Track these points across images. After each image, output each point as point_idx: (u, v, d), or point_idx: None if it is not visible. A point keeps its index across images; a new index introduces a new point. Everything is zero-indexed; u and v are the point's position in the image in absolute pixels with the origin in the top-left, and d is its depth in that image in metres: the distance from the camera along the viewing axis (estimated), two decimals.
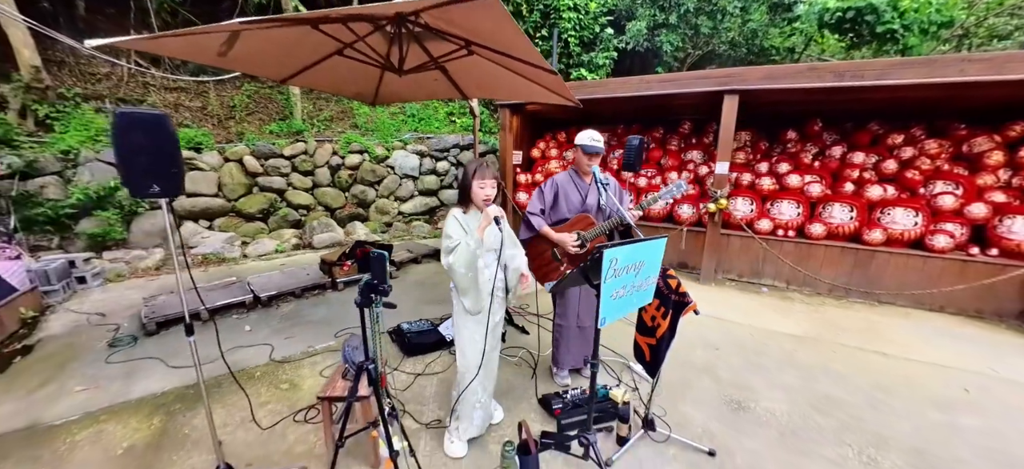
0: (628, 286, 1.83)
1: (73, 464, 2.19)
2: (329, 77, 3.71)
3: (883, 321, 4.11)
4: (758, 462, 2.24)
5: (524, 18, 9.23)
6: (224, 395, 2.72)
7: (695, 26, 7.96)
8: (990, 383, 3.05)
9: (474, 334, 2.16)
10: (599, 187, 2.48)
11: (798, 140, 5.57)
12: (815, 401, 2.79)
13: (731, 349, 3.50)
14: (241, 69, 3.80)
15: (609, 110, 6.46)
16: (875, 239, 4.49)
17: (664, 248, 1.95)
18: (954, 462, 2.27)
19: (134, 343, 3.47)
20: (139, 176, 1.56)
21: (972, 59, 3.67)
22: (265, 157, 7.16)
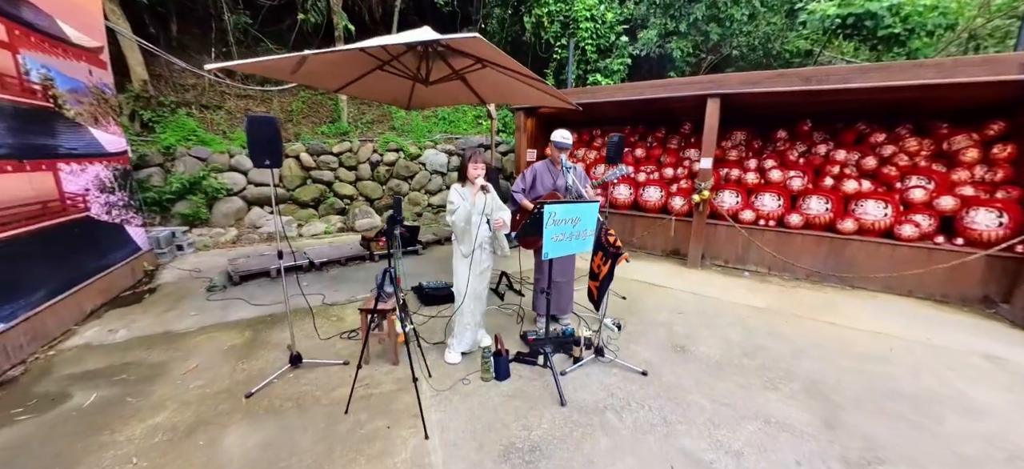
0: (567, 234, 2.60)
1: (197, 353, 3.23)
2: (371, 87, 4.69)
3: (847, 301, 4.54)
4: (679, 381, 2.91)
5: (545, 29, 10.03)
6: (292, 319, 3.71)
7: (705, 33, 8.41)
8: (915, 346, 3.50)
9: (464, 271, 3.00)
10: (564, 172, 3.25)
11: (788, 139, 5.99)
12: (748, 349, 3.40)
13: (693, 314, 4.12)
14: (307, 83, 4.89)
15: (613, 112, 7.12)
16: (847, 229, 4.91)
17: (597, 209, 2.70)
18: (838, 388, 2.84)
19: (225, 289, 4.60)
20: (258, 154, 2.53)
21: (924, 64, 4.08)
22: (317, 154, 8.39)
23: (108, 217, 4.40)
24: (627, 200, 6.61)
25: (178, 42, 9.40)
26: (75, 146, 3.95)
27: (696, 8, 8.06)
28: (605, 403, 2.63)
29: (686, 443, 2.29)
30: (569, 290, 3.70)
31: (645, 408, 2.60)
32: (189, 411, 2.51)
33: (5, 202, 3.08)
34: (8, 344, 2.96)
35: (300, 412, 2.51)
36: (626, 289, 4.76)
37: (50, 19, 3.74)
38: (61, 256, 3.63)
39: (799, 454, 2.22)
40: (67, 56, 3.96)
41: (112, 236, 4.46)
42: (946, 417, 2.57)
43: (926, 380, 2.99)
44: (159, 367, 3.02)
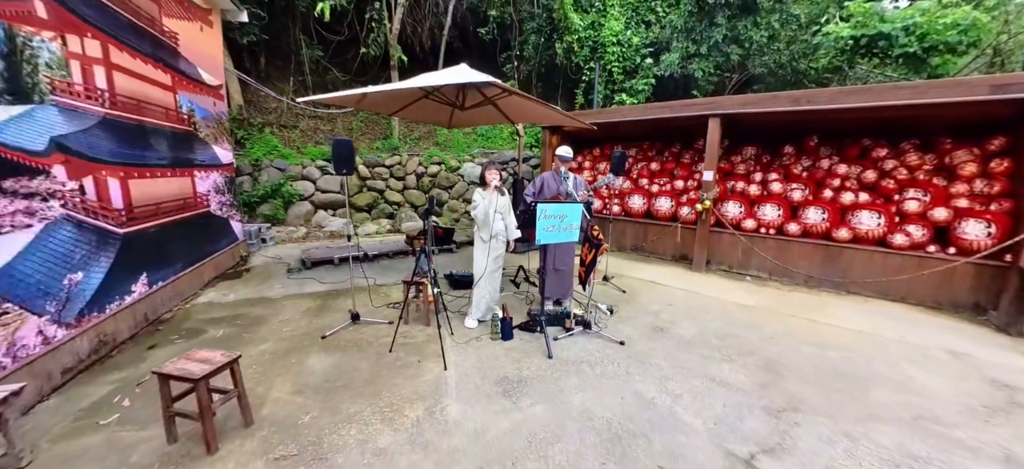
0: (556, 227, 3.40)
1: (285, 311, 4.35)
2: (419, 111, 5.77)
3: (839, 303, 4.89)
4: (650, 350, 3.57)
5: (576, 53, 10.90)
6: (352, 294, 4.78)
7: (726, 54, 8.86)
8: (886, 341, 3.88)
9: (482, 256, 3.88)
10: (563, 180, 4.06)
11: (795, 154, 6.37)
12: (721, 334, 3.96)
13: (682, 307, 4.70)
14: (369, 110, 6.06)
15: (634, 130, 7.80)
16: (842, 237, 5.24)
17: (581, 209, 3.48)
18: (790, 365, 3.36)
19: (300, 271, 5.82)
20: (339, 165, 3.60)
21: (901, 87, 4.46)
22: (372, 166, 9.75)
23: (220, 212, 5.78)
24: (641, 209, 7.21)
25: (265, 73, 11.31)
26: (204, 158, 5.34)
27: (715, 31, 8.56)
28: (583, 359, 3.37)
29: (638, 387, 2.98)
30: (569, 277, 4.45)
31: (614, 364, 3.30)
32: (284, 343, 3.57)
33: (164, 198, 4.40)
34: (163, 297, 4.23)
35: (358, 349, 3.48)
36: (628, 285, 5.41)
37: (194, 67, 5.18)
38: (192, 239, 4.96)
39: (727, 401, 2.83)
40: (202, 93, 5.39)
41: (222, 227, 5.83)
42: (877, 390, 3.03)
43: (877, 365, 3.42)
44: (260, 318, 4.16)
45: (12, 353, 2.52)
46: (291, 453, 2.25)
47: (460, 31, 13.05)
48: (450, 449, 2.30)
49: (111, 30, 3.64)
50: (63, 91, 3.08)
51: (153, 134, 4.23)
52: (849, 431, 2.55)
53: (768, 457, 2.30)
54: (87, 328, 3.13)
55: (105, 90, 3.53)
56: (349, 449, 2.29)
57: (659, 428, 2.52)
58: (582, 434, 2.44)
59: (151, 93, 4.23)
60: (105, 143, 3.49)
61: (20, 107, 2.72)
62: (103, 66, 3.52)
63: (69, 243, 3.05)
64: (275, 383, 2.95)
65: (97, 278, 3.29)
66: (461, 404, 2.73)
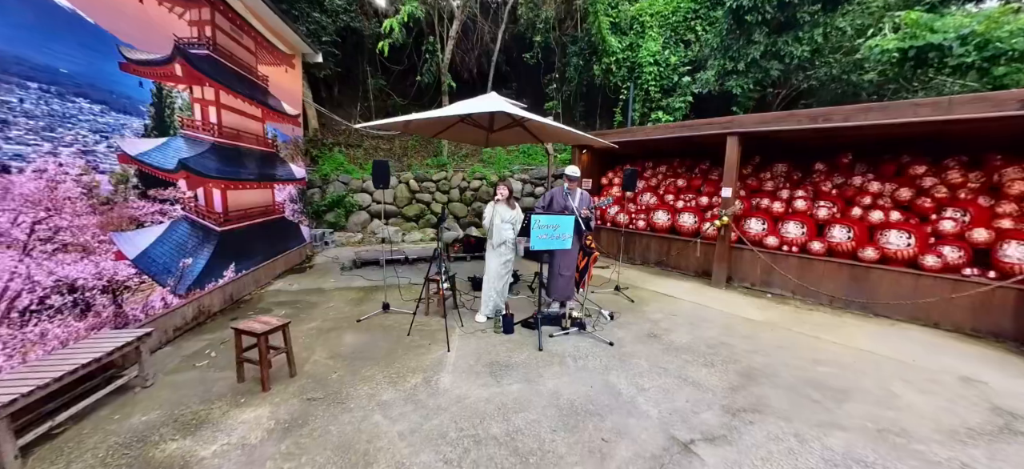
0: (549, 235, 3.88)
1: (334, 299, 5.27)
2: (456, 134, 6.58)
3: (859, 325, 4.72)
4: (635, 351, 3.87)
5: (613, 74, 11.25)
6: (388, 289, 5.60)
7: (765, 70, 8.68)
8: (889, 362, 3.79)
9: (491, 261, 4.46)
10: (569, 196, 4.53)
11: (826, 171, 6.18)
12: (713, 343, 4.12)
13: (684, 317, 4.88)
14: (414, 132, 7.00)
15: (662, 147, 7.99)
16: (868, 256, 5.05)
17: (573, 221, 3.94)
18: (771, 375, 3.48)
19: (351, 269, 6.83)
20: (376, 181, 4.44)
21: (922, 103, 4.32)
22: (421, 181, 10.85)
23: (293, 218, 7.02)
24: (665, 224, 7.34)
25: (338, 100, 13.09)
26: (282, 174, 6.59)
27: (753, 48, 8.47)
28: (569, 354, 3.78)
29: (611, 379, 3.34)
30: (571, 282, 4.86)
31: (596, 359, 3.68)
32: (328, 323, 4.42)
33: (251, 205, 5.58)
34: (244, 282, 5.34)
35: (383, 331, 4.22)
36: (640, 296, 5.65)
37: (279, 101, 6.46)
38: (269, 238, 6.14)
39: (690, 398, 3.09)
40: (284, 121, 6.67)
41: (293, 230, 7.05)
42: (852, 403, 3.09)
43: (866, 382, 3.41)
44: (314, 303, 5.10)
45: (145, 311, 3.58)
46: (318, 397, 2.98)
47: (507, 56, 14.01)
48: (434, 406, 2.88)
49: (222, 79, 4.86)
50: (188, 126, 4.25)
51: (246, 155, 5.43)
52: (801, 433, 2.71)
53: (707, 444, 2.57)
54: (192, 300, 4.21)
55: (215, 124, 4.73)
56: (359, 398, 2.97)
57: (615, 411, 2.89)
58: (545, 409, 2.89)
59: (246, 124, 5.45)
60: (213, 163, 4.65)
61: (162, 139, 3.87)
62: (215, 106, 4.72)
63: (185, 236, 4.17)
64: (316, 350, 3.76)
65: (201, 263, 4.39)
66: (453, 377, 3.30)
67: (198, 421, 2.68)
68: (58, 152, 2.87)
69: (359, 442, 2.50)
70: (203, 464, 2.30)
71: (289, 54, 6.91)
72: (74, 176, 2.99)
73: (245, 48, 5.45)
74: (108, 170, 3.27)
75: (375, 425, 2.67)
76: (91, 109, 3.14)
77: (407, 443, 2.50)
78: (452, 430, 2.63)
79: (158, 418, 2.70)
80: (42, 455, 2.33)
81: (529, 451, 2.45)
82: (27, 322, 2.62)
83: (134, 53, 3.54)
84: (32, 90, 2.72)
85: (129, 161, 3.48)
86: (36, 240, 2.70)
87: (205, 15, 4.55)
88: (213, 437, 2.52)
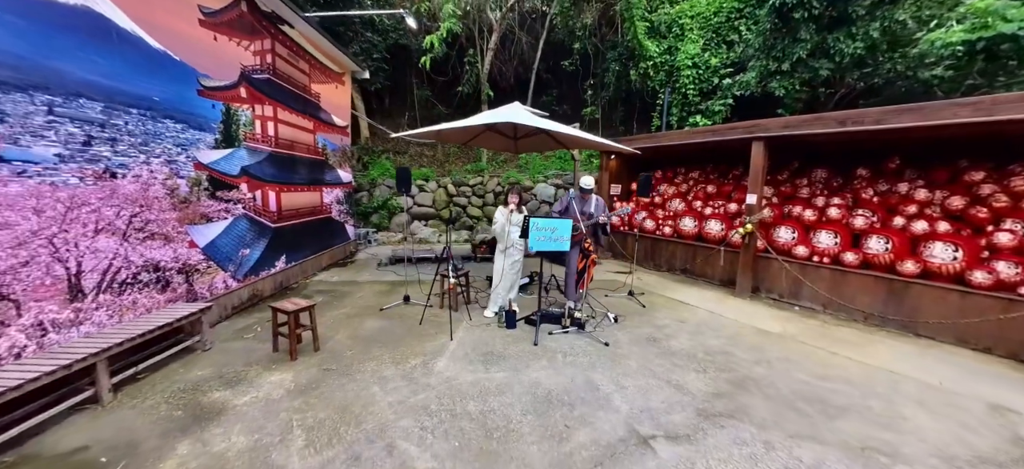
0: (548, 237, 4.13)
1: (364, 290, 5.91)
2: (486, 142, 7.03)
3: (888, 343, 4.36)
4: (628, 353, 3.97)
5: (651, 78, 11.09)
6: (413, 284, 6.14)
7: (814, 70, 8.10)
8: (909, 383, 3.52)
9: (500, 262, 4.79)
10: (577, 203, 4.73)
11: (870, 177, 5.72)
12: (713, 351, 4.09)
13: (691, 325, 4.83)
14: (446, 141, 7.56)
15: (691, 153, 7.81)
16: (908, 270, 4.64)
17: (570, 224, 4.14)
18: (766, 385, 3.42)
19: (386, 265, 7.52)
20: (399, 186, 4.99)
21: (962, 103, 3.93)
22: (458, 185, 11.48)
23: (339, 218, 7.88)
24: (691, 231, 7.18)
25: (388, 110, 14.21)
26: (330, 179, 7.45)
27: (799, 47, 7.97)
28: (562, 351, 3.98)
29: (593, 375, 3.50)
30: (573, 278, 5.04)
31: (586, 357, 3.85)
32: (355, 310, 5.02)
33: (301, 206, 6.42)
34: (292, 272, 6.16)
35: (400, 320, 4.72)
36: (654, 302, 5.66)
37: (329, 114, 7.34)
38: (317, 235, 6.98)
39: (667, 399, 3.17)
40: (333, 132, 7.55)
41: (339, 229, 7.92)
42: (845, 420, 2.98)
43: (872, 401, 3.23)
44: (347, 293, 5.77)
45: (210, 290, 4.38)
46: (332, 368, 3.49)
47: (547, 64, 14.31)
48: (424, 384, 3.27)
49: (280, 98, 5.71)
50: (249, 138, 5.09)
51: (298, 162, 6.28)
52: (772, 441, 2.70)
53: (667, 441, 2.67)
54: (247, 284, 5.02)
55: (272, 136, 5.57)
56: (365, 372, 3.44)
57: (588, 404, 3.07)
58: (522, 395, 3.15)
59: (299, 135, 6.31)
60: (269, 169, 5.49)
61: (228, 149, 4.70)
62: (273, 121, 5.57)
63: (244, 230, 4.99)
64: (340, 331, 4.33)
65: (256, 254, 5.21)
66: (448, 362, 3.67)
67: (238, 379, 3.30)
68: (150, 161, 3.69)
69: (355, 406, 2.95)
70: (236, 409, 2.88)
71: (339, 73, 7.81)
72: (161, 180, 3.80)
73: (300, 70, 6.32)
74: (186, 175, 4.09)
75: (372, 394, 3.11)
76: (175, 127, 3.97)
77: (393, 410, 2.90)
78: (434, 404, 2.99)
79: (209, 374, 3.36)
80: (127, 392, 3.05)
81: (495, 427, 2.73)
82: (123, 292, 3.42)
83: (208, 81, 4.38)
84: (134, 114, 3.54)
85: (202, 168, 4.30)
86: (132, 229, 3.50)
87: (266, 45, 5.40)
88: (246, 391, 3.11)
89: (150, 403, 2.93)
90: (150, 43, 3.69)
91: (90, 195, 3.17)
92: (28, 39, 2.80)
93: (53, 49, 2.95)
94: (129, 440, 2.54)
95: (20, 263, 2.73)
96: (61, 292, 2.96)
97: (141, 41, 3.60)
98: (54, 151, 2.94)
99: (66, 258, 3.00)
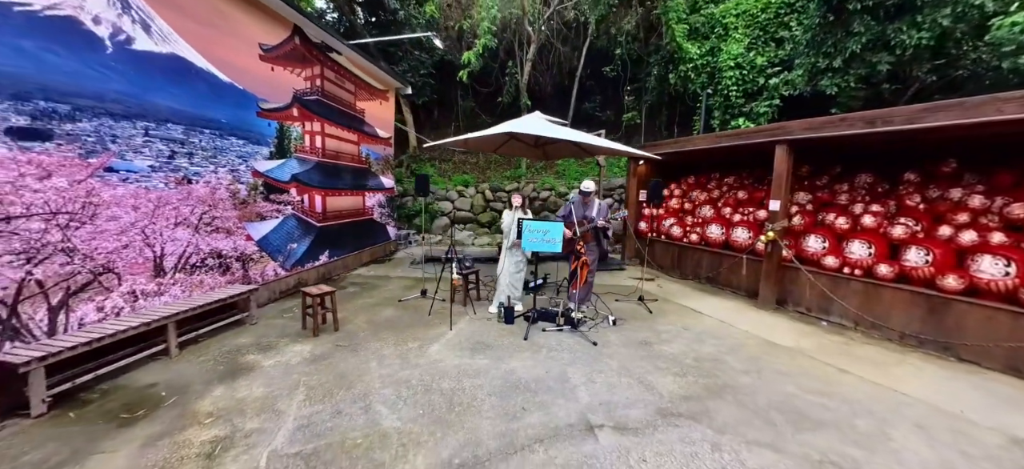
0: (540, 239, 4.40)
1: (391, 284, 6.59)
2: (512, 149, 7.45)
3: (919, 365, 3.94)
4: (614, 354, 4.08)
5: (692, 80, 10.73)
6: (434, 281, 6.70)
7: (871, 64, 7.33)
8: (922, 409, 3.22)
9: (505, 259, 5.14)
10: (577, 207, 4.94)
11: (919, 181, 5.14)
12: (704, 357, 4.04)
13: (693, 333, 4.74)
14: (473, 149, 8.11)
15: (720, 157, 7.51)
16: (950, 286, 4.14)
17: (561, 226, 4.37)
18: (746, 394, 3.35)
19: (418, 264, 8.22)
20: (418, 191, 5.57)
21: (1008, 98, 3.48)
22: (495, 191, 12.01)
23: (380, 220, 8.77)
24: (718, 238, 6.90)
25: (436, 121, 15.25)
26: (373, 185, 8.35)
27: (853, 41, 7.30)
28: (549, 346, 4.21)
29: (568, 370, 3.69)
30: (589, 286, 5.19)
31: (569, 353, 4.03)
32: (379, 300, 5.67)
33: (345, 208, 7.32)
34: (334, 266, 7.05)
35: (414, 310, 5.26)
36: (665, 309, 5.62)
37: (372, 127, 8.26)
38: (359, 234, 7.87)
39: (632, 397, 3.27)
40: (377, 143, 8.46)
41: (380, 230, 8.80)
42: (813, 433, 2.86)
43: (860, 421, 3.03)
44: (377, 286, 6.48)
45: (261, 276, 5.28)
46: (344, 345, 4.09)
47: (589, 70, 14.39)
48: (413, 364, 3.72)
49: (327, 116, 6.64)
50: (299, 150, 6.01)
51: (343, 170, 7.20)
52: (722, 444, 2.72)
53: (613, 431, 2.81)
54: (294, 274, 5.91)
55: (320, 148, 6.49)
56: (369, 351, 3.98)
57: (552, 392, 3.29)
58: (494, 380, 3.46)
59: (344, 147, 7.23)
60: (316, 176, 6.40)
61: (281, 160, 5.63)
62: (320, 135, 6.49)
63: (292, 228, 5.90)
64: (359, 316, 4.97)
65: (302, 248, 6.11)
66: (440, 348, 4.10)
67: (270, 347, 4.03)
68: (218, 170, 4.63)
69: (352, 374, 3.48)
70: (262, 369, 3.56)
71: (384, 90, 8.73)
72: (225, 185, 4.73)
73: (346, 90, 7.25)
74: (245, 181, 5.02)
75: (368, 368, 3.63)
76: (238, 142, 4.91)
77: (381, 381, 3.38)
78: (415, 379, 3.42)
79: (250, 342, 4.14)
80: (188, 351, 3.89)
81: (459, 403, 3.08)
82: (193, 272, 4.33)
83: (266, 104, 5.31)
84: (206, 133, 4.48)
85: (258, 176, 5.23)
86: (202, 224, 4.43)
87: (316, 71, 6.34)
88: (273, 357, 3.80)
89: (202, 359, 3.73)
90: (220, 77, 4.64)
91: (172, 196, 4.10)
92: (134, 82, 3.77)
93: (150, 87, 3.91)
94: (183, 383, 3.30)
95: (122, 246, 3.67)
96: (148, 269, 3.89)
97: (213, 76, 4.56)
98: (148, 163, 3.89)
99: (153, 244, 3.93)
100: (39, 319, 3.10)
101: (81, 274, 3.36)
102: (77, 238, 3.33)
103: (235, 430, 2.73)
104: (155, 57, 3.95)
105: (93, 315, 3.44)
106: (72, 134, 3.31)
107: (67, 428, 2.72)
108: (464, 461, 2.47)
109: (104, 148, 3.53)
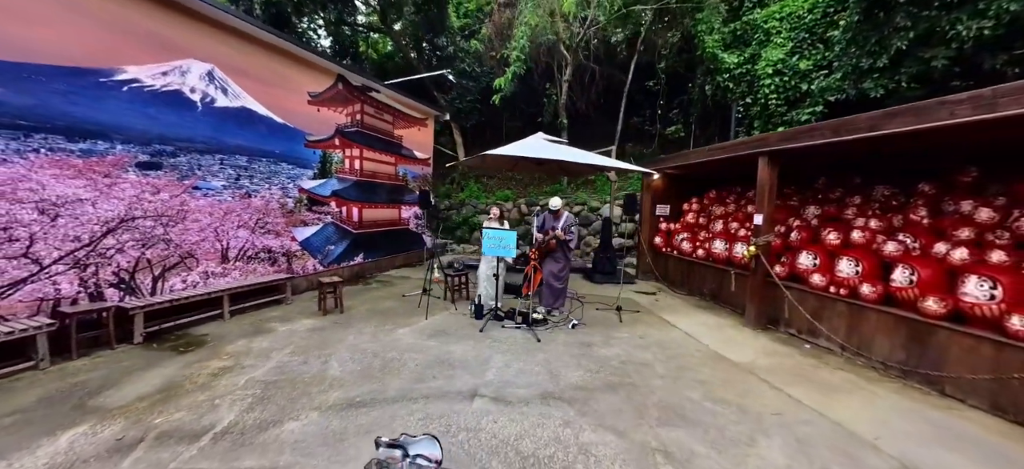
0: (496, 245, 5.03)
1: (409, 283, 7.69)
2: (525, 166, 8.19)
3: (881, 396, 3.58)
4: (551, 349, 4.48)
5: (731, 90, 10.23)
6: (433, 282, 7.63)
7: (924, 62, 6.37)
8: (848, 440, 3.08)
9: (483, 266, 5.85)
10: (554, 221, 5.47)
11: (935, 193, 4.54)
12: (635, 360, 4.22)
13: (647, 341, 4.85)
14: (494, 166, 9.01)
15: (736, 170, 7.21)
16: (930, 309, 3.68)
17: (514, 235, 4.94)
18: (640, 389, 3.54)
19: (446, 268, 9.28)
20: (422, 206, 6.60)
21: (960, 100, 3.13)
22: (530, 205, 12.69)
23: (416, 229, 10.10)
24: (722, 254, 6.64)
25: (485, 142, 16.55)
26: (408, 199, 9.73)
27: (897, 37, 6.50)
28: (496, 338, 4.77)
29: (495, 356, 4.23)
30: (559, 292, 5.62)
31: (509, 344, 4.56)
32: (388, 294, 6.79)
33: (381, 219, 8.73)
34: (368, 267, 8.43)
35: (408, 303, 6.24)
36: (642, 319, 5.73)
37: (410, 150, 9.67)
38: (393, 241, 9.23)
39: (534, 382, 3.69)
40: (414, 164, 9.86)
41: (415, 238, 10.12)
42: (677, 428, 3.00)
43: (739, 427, 3.05)
44: (395, 283, 7.65)
45: (302, 270, 6.77)
46: (340, 323, 5.20)
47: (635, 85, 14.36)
48: (380, 340, 4.62)
49: (365, 143, 8.14)
50: (339, 171, 7.53)
51: (380, 187, 8.64)
52: (574, 422, 3.05)
53: (489, 400, 3.29)
54: (330, 270, 7.36)
55: (358, 169, 7.98)
56: (353, 329, 5.02)
57: (465, 368, 3.89)
58: (429, 355, 4.18)
59: (381, 168, 8.68)
60: (354, 192, 7.87)
61: (323, 180, 7.16)
62: (359, 159, 7.99)
63: (331, 233, 7.38)
64: (364, 305, 6.10)
65: (339, 250, 7.56)
66: (407, 332, 4.95)
67: (288, 319, 5.31)
68: (271, 188, 6.21)
69: (331, 341, 4.52)
70: (275, 332, 4.80)
71: (422, 118, 10.15)
72: (276, 199, 6.30)
73: (384, 121, 8.74)
74: (293, 196, 6.58)
75: (346, 339, 4.64)
76: (288, 167, 6.49)
77: (346, 348, 4.35)
78: (371, 349, 4.32)
79: (277, 315, 5.49)
80: (235, 317, 5.35)
81: (391, 368, 3.87)
82: (249, 262, 5.89)
83: (312, 137, 6.89)
84: (263, 162, 6.09)
85: (304, 192, 6.78)
86: (257, 227, 6.00)
87: (356, 108, 7.88)
88: (286, 326, 5.05)
89: (242, 323, 5.13)
90: (275, 119, 6.26)
91: (236, 206, 5.71)
92: (215, 128, 5.44)
93: (225, 131, 5.57)
94: (222, 335, 4.67)
95: (201, 240, 5.29)
96: (217, 258, 5.48)
97: (270, 119, 6.19)
98: (220, 183, 5.53)
99: (222, 239, 5.53)
100: (145, 284, 4.74)
101: (173, 257, 4.99)
102: (173, 233, 4.97)
103: (237, 364, 3.91)
104: (229, 110, 5.62)
105: (178, 285, 5.06)
106: (173, 165, 5.00)
107: (149, 352, 4.17)
108: (363, 400, 3.25)
109: (193, 173, 5.20)
